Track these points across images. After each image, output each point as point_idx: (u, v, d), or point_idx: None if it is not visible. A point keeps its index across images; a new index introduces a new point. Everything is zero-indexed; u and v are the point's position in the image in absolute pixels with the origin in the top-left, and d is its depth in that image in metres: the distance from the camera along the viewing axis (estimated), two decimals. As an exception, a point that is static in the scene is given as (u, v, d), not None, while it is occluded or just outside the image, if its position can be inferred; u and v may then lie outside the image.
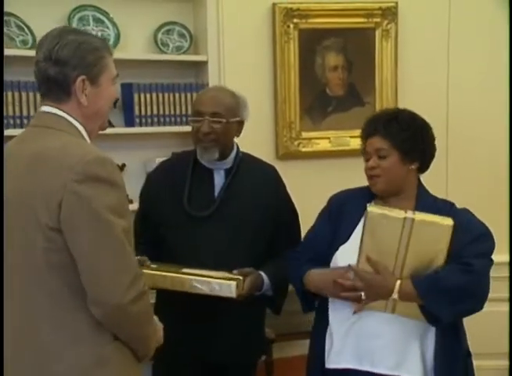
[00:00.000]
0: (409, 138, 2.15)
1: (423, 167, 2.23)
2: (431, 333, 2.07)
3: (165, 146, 3.30)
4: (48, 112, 1.73)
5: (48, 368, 1.65)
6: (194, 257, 2.36)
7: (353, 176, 3.17)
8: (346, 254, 2.08)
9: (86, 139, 1.75)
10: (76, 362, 1.64)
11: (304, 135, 3.46)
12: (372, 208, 2.03)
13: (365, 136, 2.21)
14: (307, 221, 2.54)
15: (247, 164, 2.51)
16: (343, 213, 2.23)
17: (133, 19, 3.24)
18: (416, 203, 2.18)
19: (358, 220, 2.16)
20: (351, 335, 2.12)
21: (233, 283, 2.24)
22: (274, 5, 3.33)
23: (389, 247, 2.02)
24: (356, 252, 2.04)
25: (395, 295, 2.00)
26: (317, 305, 2.27)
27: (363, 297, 2.02)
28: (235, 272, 2.30)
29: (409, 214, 2.01)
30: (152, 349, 1.79)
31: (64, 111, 1.72)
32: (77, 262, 1.61)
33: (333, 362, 2.14)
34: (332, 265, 2.14)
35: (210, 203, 2.40)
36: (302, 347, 3.36)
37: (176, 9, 3.34)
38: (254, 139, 2.92)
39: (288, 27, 3.34)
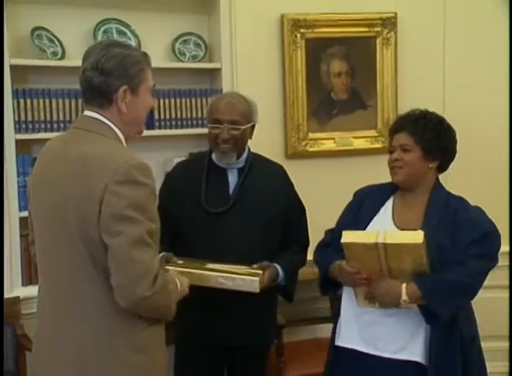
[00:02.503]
0: (433, 137, 2.24)
1: (443, 167, 2.32)
2: None
3: (182, 147, 3.39)
4: (90, 116, 1.82)
5: (85, 356, 1.73)
6: (211, 251, 2.42)
7: (356, 174, 3.35)
8: None
9: (123, 142, 1.84)
10: (113, 349, 1.73)
11: (311, 135, 3.55)
12: (344, 238, 2.06)
13: (393, 131, 2.32)
14: (314, 215, 2.73)
15: (258, 163, 2.59)
16: (362, 207, 2.34)
17: (152, 31, 3.33)
18: (429, 197, 2.26)
19: (375, 213, 2.29)
20: (358, 322, 2.25)
21: (256, 279, 2.30)
22: (282, 16, 3.42)
23: (372, 267, 2.10)
24: None
25: (404, 297, 2.07)
26: (338, 295, 2.40)
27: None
28: (255, 266, 2.37)
29: (380, 237, 2.02)
30: (172, 313, 1.85)
31: (105, 117, 1.81)
32: (109, 260, 1.69)
33: (341, 341, 2.31)
34: None
35: (225, 200, 2.49)
36: (310, 332, 3.50)
37: (192, 21, 3.43)
38: (265, 140, 3.02)
39: (296, 36, 3.44)
